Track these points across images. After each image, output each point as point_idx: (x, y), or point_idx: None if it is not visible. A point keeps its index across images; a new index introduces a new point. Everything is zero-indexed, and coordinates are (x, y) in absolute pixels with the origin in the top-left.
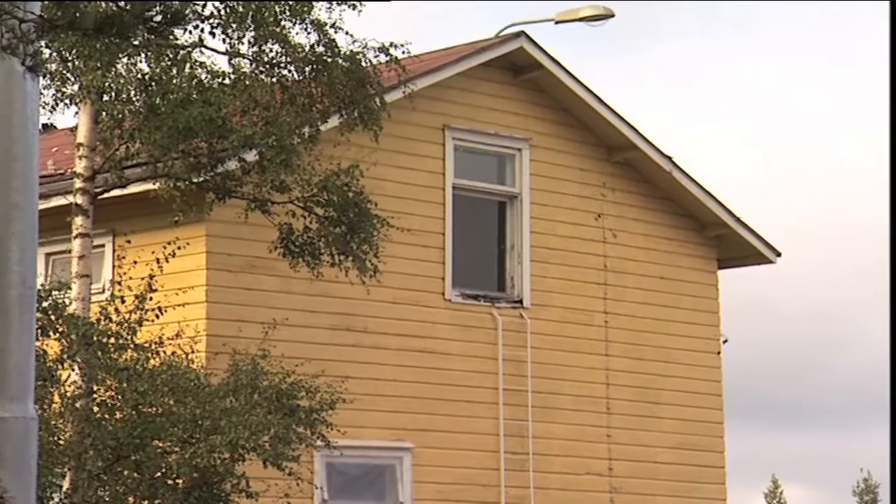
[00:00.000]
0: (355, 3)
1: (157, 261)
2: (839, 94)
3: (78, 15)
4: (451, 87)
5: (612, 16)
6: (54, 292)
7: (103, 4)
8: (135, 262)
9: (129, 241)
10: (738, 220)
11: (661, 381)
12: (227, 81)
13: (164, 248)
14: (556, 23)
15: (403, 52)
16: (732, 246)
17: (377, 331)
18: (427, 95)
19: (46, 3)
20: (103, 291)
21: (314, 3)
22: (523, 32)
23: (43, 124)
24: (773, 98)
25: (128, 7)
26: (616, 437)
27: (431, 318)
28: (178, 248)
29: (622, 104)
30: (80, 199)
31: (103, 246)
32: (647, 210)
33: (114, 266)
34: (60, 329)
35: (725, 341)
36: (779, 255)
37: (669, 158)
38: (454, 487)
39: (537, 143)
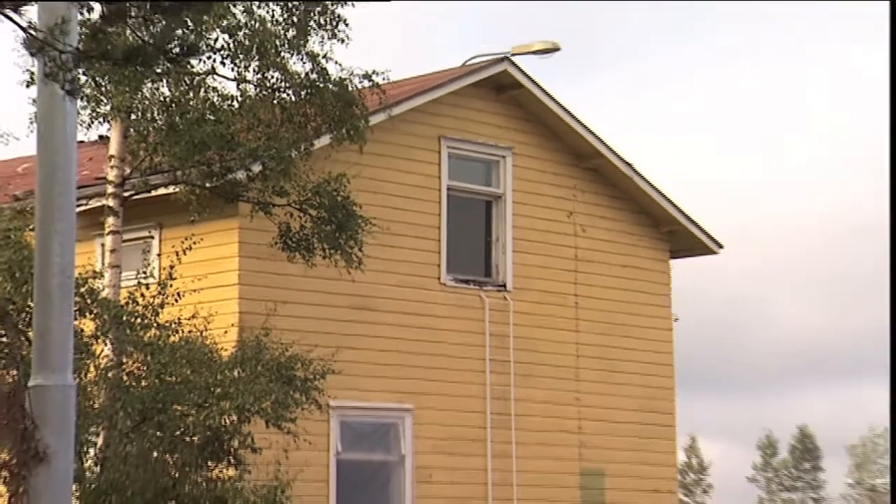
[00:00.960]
0: (343, 37)
1: (177, 253)
2: (792, 98)
3: (109, 47)
4: (446, 103)
5: (559, 49)
6: (89, 280)
7: (130, 38)
8: (157, 254)
9: (151, 237)
10: (687, 217)
11: (622, 353)
12: (235, 103)
13: (183, 241)
14: (512, 55)
15: (383, 79)
16: (683, 239)
17: (384, 309)
18: (425, 110)
19: (82, 36)
20: (150, 276)
21: (309, 38)
22: (507, 57)
23: (99, 136)
24: (725, 104)
25: (151, 41)
26: (584, 401)
27: (429, 299)
28: (194, 242)
29: (590, 117)
30: (111, 202)
31: (153, 237)
32: (611, 209)
33: (159, 255)
34: (95, 311)
35: (677, 320)
36: (721, 247)
37: (630, 165)
38: (448, 442)
39: (519, 151)
